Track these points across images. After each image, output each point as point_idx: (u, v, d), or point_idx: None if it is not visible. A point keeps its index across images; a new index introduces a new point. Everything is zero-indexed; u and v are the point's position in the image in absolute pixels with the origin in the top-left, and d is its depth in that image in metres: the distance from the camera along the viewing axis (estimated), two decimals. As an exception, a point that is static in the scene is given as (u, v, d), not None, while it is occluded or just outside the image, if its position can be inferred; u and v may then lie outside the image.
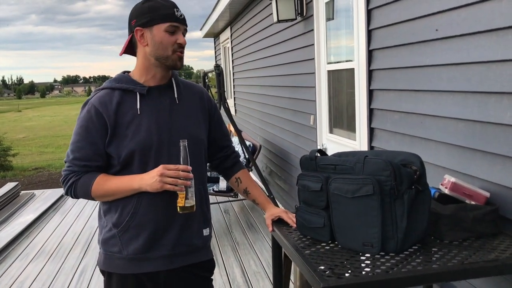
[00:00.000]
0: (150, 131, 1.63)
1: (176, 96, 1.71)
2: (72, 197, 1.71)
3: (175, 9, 1.63)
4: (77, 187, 1.65)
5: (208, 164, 1.91)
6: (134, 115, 1.64)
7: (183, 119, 1.71)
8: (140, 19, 1.62)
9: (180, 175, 1.56)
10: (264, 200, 1.89)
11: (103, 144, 1.63)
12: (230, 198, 5.14)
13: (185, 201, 1.58)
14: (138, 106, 1.64)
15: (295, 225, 1.74)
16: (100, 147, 1.63)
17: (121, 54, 1.72)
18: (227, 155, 1.92)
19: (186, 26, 1.67)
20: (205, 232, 1.79)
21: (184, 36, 1.67)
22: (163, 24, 1.61)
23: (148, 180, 1.58)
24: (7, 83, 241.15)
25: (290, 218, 1.79)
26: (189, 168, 1.58)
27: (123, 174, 1.65)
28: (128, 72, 1.74)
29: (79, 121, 1.66)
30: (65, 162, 1.68)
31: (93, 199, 1.67)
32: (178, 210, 1.59)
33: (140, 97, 1.65)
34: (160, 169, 1.58)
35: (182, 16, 1.65)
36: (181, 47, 1.65)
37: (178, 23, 1.63)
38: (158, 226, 1.67)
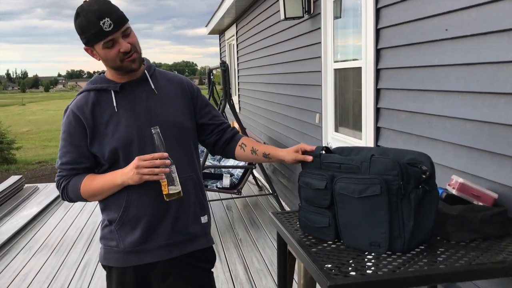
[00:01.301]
0: (129, 126, 1.64)
1: (153, 87, 1.71)
2: (68, 202, 1.73)
3: (101, 22, 1.52)
4: (68, 191, 1.68)
5: (209, 150, 1.89)
6: (112, 113, 1.65)
7: (163, 108, 1.71)
8: (81, 38, 1.60)
9: (156, 164, 1.56)
10: (274, 148, 1.80)
11: (86, 145, 1.65)
12: (233, 195, 5.13)
13: (169, 188, 1.57)
14: (114, 104, 1.65)
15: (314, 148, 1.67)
16: (84, 149, 1.66)
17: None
18: (224, 128, 1.87)
19: (122, 27, 1.56)
20: (203, 219, 1.79)
21: (127, 35, 1.58)
22: (98, 43, 1.56)
23: (128, 173, 1.59)
24: (12, 76, 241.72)
25: (309, 147, 1.70)
26: (165, 154, 1.57)
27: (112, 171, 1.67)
28: (104, 72, 1.74)
29: (62, 127, 1.69)
30: (57, 169, 1.71)
31: (86, 200, 1.70)
32: (165, 198, 1.59)
33: (115, 94, 1.66)
34: (135, 161, 1.58)
35: (112, 25, 1.53)
36: (127, 52, 1.58)
37: (111, 35, 1.54)
38: (152, 217, 1.68)
